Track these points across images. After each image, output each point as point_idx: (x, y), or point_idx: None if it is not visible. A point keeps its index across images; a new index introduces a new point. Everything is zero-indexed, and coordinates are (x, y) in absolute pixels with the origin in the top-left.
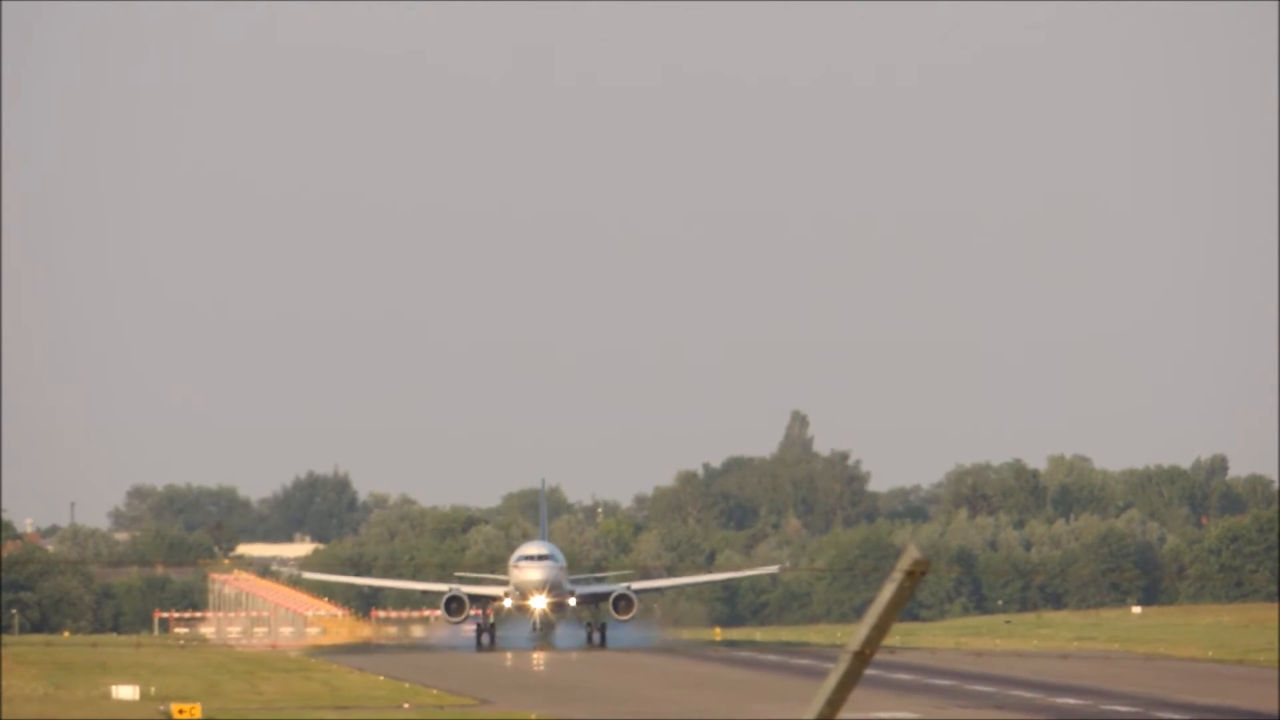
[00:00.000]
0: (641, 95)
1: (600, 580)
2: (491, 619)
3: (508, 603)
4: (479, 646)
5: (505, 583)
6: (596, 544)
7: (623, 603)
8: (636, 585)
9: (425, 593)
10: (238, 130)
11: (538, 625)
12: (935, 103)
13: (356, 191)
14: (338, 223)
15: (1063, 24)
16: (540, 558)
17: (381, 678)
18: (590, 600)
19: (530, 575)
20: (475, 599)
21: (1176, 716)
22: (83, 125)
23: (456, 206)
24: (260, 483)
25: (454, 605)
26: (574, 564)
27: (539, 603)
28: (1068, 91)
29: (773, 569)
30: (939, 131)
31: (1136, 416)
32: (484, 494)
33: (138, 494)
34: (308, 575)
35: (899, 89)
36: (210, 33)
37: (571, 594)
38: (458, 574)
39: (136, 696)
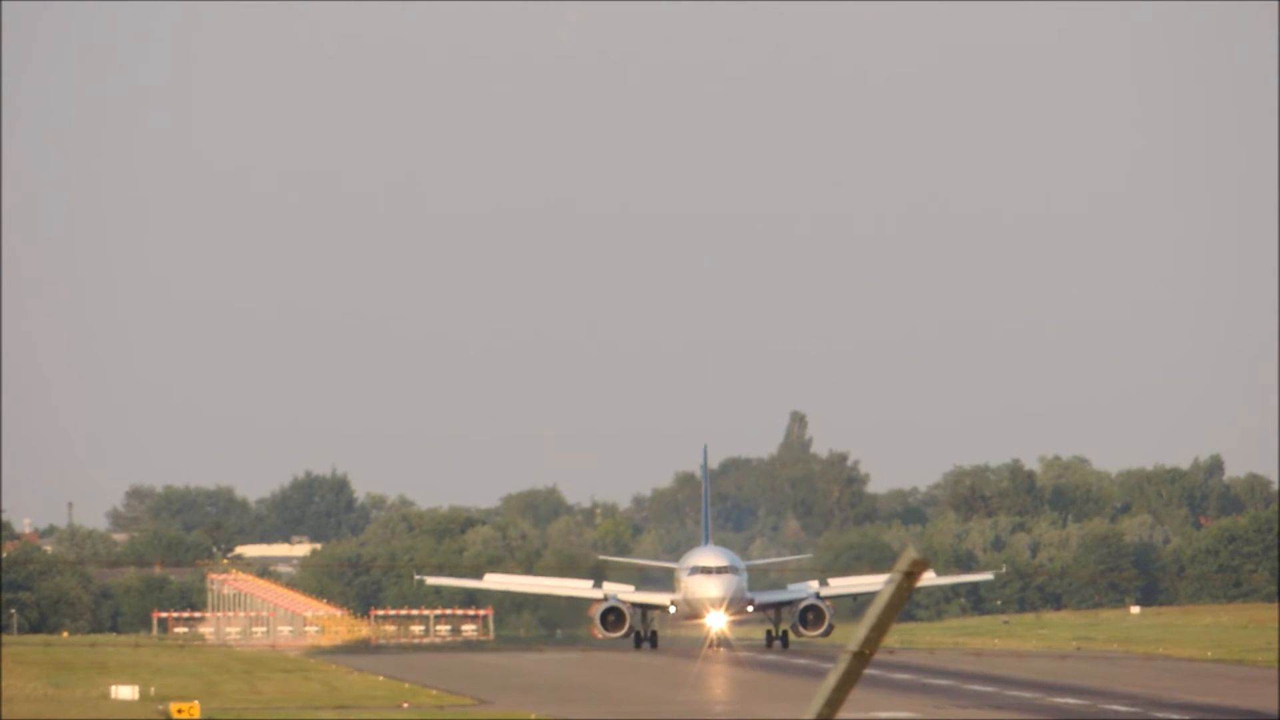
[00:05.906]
0: (642, 92)
1: (778, 565)
2: (653, 627)
3: (672, 610)
4: (637, 646)
5: (665, 573)
6: (595, 546)
7: (811, 614)
8: (826, 590)
9: (572, 599)
10: (234, 127)
11: (715, 644)
12: (936, 103)
13: (354, 190)
14: (337, 222)
15: (1065, 24)
16: (719, 570)
17: (381, 678)
18: (771, 607)
19: (709, 592)
20: (635, 608)
21: (1175, 716)
22: (82, 123)
23: (454, 204)
24: (258, 483)
25: (611, 619)
26: (575, 564)
27: (717, 621)
28: (1067, 92)
29: (987, 575)
30: (939, 132)
31: (1134, 417)
32: (482, 494)
33: (136, 494)
34: (431, 581)
35: (900, 89)
36: (206, 29)
37: (750, 602)
38: (601, 558)
39: (136, 696)
